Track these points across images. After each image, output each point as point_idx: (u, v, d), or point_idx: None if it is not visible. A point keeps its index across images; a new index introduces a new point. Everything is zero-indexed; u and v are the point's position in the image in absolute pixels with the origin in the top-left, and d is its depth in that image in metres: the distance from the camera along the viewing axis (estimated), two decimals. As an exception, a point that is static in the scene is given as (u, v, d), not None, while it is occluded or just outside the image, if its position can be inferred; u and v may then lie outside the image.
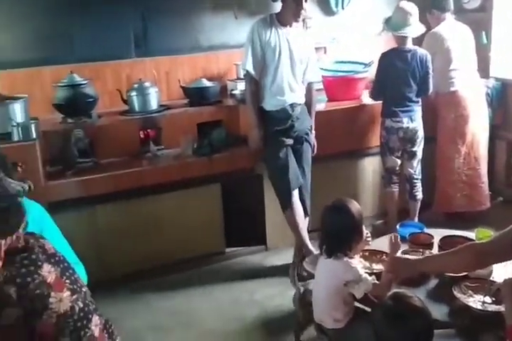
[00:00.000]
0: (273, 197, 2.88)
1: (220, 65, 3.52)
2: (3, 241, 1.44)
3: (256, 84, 2.81)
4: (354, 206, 2.02)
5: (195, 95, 3.24)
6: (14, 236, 1.48)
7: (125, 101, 3.11)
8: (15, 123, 2.61)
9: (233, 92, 3.31)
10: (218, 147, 3.02)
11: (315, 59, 3.00)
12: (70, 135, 2.79)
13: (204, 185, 2.94)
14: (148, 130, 3.07)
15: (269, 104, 2.84)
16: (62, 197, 2.53)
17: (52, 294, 1.42)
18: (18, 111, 2.71)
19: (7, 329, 1.34)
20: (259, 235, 3.13)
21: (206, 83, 3.27)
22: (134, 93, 3.10)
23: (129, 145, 2.94)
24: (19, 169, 2.22)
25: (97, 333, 1.57)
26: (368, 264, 2.12)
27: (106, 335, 1.62)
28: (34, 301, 1.38)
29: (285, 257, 2.86)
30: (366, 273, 1.94)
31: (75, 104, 2.91)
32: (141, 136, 3.04)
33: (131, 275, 2.61)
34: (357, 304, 2.01)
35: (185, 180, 2.87)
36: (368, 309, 2.01)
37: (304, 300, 2.18)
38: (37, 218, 2.05)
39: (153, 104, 3.13)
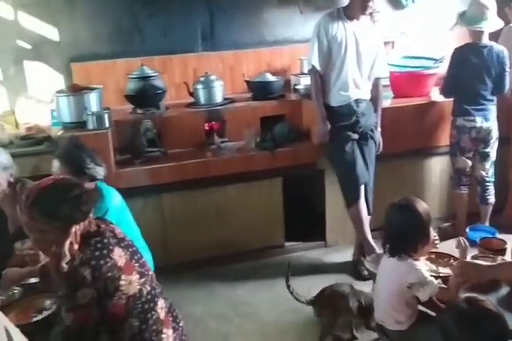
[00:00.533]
0: (334, 193, 2.85)
1: (284, 60, 3.51)
2: (77, 226, 1.52)
3: (321, 79, 2.78)
4: (421, 205, 1.95)
5: (259, 89, 3.27)
6: (87, 221, 1.55)
7: (191, 94, 3.18)
8: (90, 113, 2.75)
9: (297, 87, 3.31)
10: (281, 141, 3.02)
11: (383, 54, 2.92)
12: (139, 125, 2.90)
13: (266, 178, 2.96)
14: (213, 122, 3.13)
15: (334, 100, 2.80)
16: (130, 185, 2.63)
17: (123, 277, 1.50)
18: (93, 101, 2.85)
19: (82, 308, 1.43)
20: (319, 231, 3.11)
21: (270, 77, 3.28)
22: (200, 86, 3.17)
23: (195, 137, 3.02)
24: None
25: (162, 316, 1.63)
26: (434, 267, 2.04)
27: (170, 318, 1.68)
28: (106, 283, 1.46)
29: (344, 254, 2.82)
30: (432, 276, 1.87)
31: (145, 96, 3.01)
32: (206, 128, 3.11)
33: (194, 262, 2.68)
34: (420, 307, 1.95)
35: (248, 172, 2.90)
36: (432, 313, 1.95)
37: (327, 302, 2.15)
38: (117, 204, 2.16)
39: (218, 97, 3.18)
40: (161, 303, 1.62)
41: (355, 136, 2.79)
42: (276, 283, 2.18)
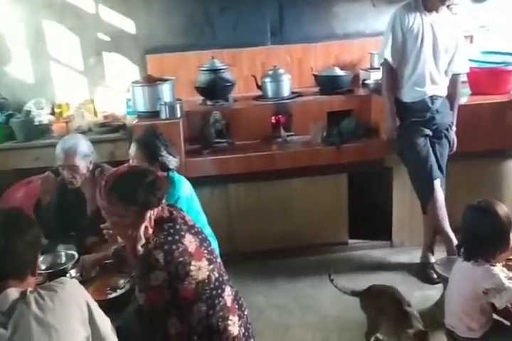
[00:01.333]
0: (402, 193, 2.76)
1: (353, 54, 3.44)
2: (152, 211, 1.58)
3: (393, 74, 2.69)
4: (502, 209, 1.84)
5: (327, 83, 3.22)
6: (160, 207, 1.61)
7: (259, 87, 3.20)
8: (163, 103, 2.85)
9: (366, 82, 3.23)
10: (348, 137, 2.97)
11: (463, 48, 2.76)
12: (208, 116, 2.96)
13: (331, 173, 2.92)
14: (280, 116, 3.13)
15: (407, 96, 2.70)
16: (198, 174, 2.69)
17: (193, 262, 1.55)
18: (166, 92, 2.95)
19: (154, 289, 1.48)
20: (384, 230, 3.03)
21: (338, 71, 3.23)
22: (268, 79, 3.18)
23: (261, 130, 3.03)
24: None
25: (229, 303, 1.65)
26: (511, 275, 1.93)
27: (236, 306, 1.71)
28: (178, 267, 1.51)
29: (411, 256, 2.73)
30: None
31: (215, 88, 3.07)
32: (273, 121, 3.12)
33: (256, 253, 2.72)
34: (495, 316, 1.85)
35: (313, 167, 2.88)
36: (507, 322, 1.84)
37: (373, 296, 2.07)
38: (187, 192, 2.23)
39: (286, 91, 3.17)
40: (227, 291, 1.66)
41: (429, 132, 2.68)
42: (338, 279, 2.16)
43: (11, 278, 1.19)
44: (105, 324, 1.36)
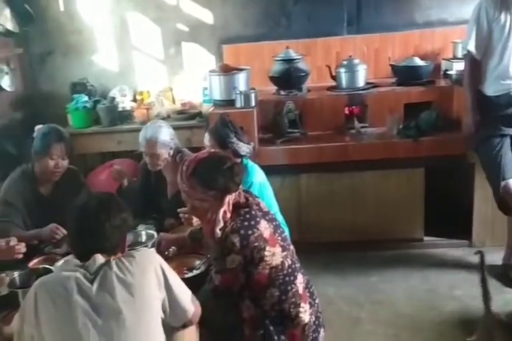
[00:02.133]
0: (485, 190, 2.59)
1: (435, 43, 3.27)
2: (230, 196, 1.61)
3: (476, 66, 2.52)
4: None
5: (405, 74, 3.09)
6: (237, 193, 1.64)
7: (333, 77, 3.15)
8: (238, 92, 2.89)
9: (448, 72, 3.06)
10: (426, 130, 2.84)
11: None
12: (282, 106, 2.97)
13: (407, 167, 2.81)
14: (354, 107, 3.07)
15: (490, 88, 2.52)
16: (270, 163, 2.71)
17: (267, 248, 1.57)
18: (241, 81, 2.99)
19: (230, 271, 1.53)
20: (463, 229, 2.87)
21: (418, 62, 3.08)
22: (342, 69, 3.11)
23: (334, 120, 2.99)
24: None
25: (301, 290, 1.66)
26: None
27: (308, 294, 1.71)
28: (253, 252, 1.54)
29: (492, 257, 2.56)
30: None
31: (288, 78, 3.06)
32: (346, 112, 3.06)
33: (326, 244, 2.70)
34: None
35: (388, 160, 2.79)
36: None
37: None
38: (260, 179, 2.25)
39: (361, 81, 3.09)
40: (300, 278, 1.68)
41: (508, 132, 2.51)
42: (412, 276, 2.08)
43: (101, 252, 1.31)
44: (183, 295, 1.41)
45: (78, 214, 1.33)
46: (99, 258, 1.28)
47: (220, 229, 1.55)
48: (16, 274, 1.79)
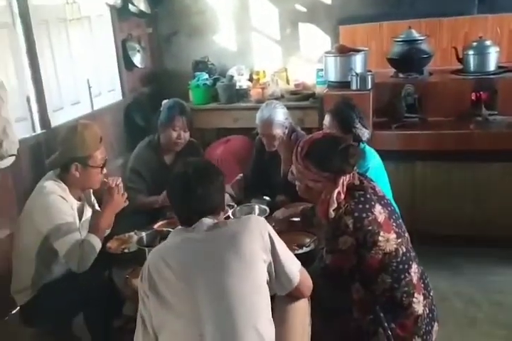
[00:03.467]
0: None
1: None
2: (344, 178, 1.58)
3: None
4: None
5: (545, 58, 2.78)
6: (351, 174, 1.60)
7: (460, 60, 2.91)
8: (354, 73, 2.81)
9: None
10: None
11: None
12: (400, 89, 2.83)
13: (540, 161, 2.55)
14: (481, 92, 2.80)
15: None
16: (384, 147, 2.58)
17: (381, 233, 1.53)
18: (358, 63, 2.90)
19: (342, 252, 1.52)
20: None
21: (562, 44, 2.74)
22: (471, 52, 2.86)
23: (458, 106, 2.78)
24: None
25: (415, 280, 1.58)
26: None
27: (422, 285, 1.63)
28: (366, 235, 1.51)
29: None
30: None
31: (409, 60, 2.90)
32: (473, 97, 2.82)
33: (440, 236, 2.56)
34: None
35: (518, 151, 2.55)
36: None
37: None
38: (376, 164, 2.20)
39: (491, 65, 2.83)
40: (414, 267, 1.61)
41: None
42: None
43: (206, 215, 1.37)
44: (290, 263, 1.40)
45: (181, 181, 1.37)
46: (208, 221, 1.34)
47: (333, 210, 1.54)
48: (144, 234, 1.98)
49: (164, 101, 2.50)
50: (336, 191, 1.54)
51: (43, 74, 2.51)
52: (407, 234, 1.64)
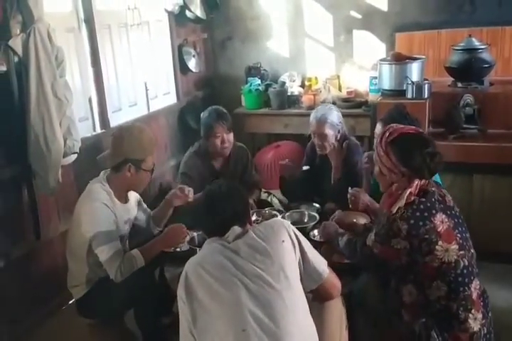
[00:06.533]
0: None
1: None
2: (420, 181, 1.52)
3: None
4: None
5: None
6: (427, 181, 1.56)
7: (523, 70, 2.81)
8: (410, 82, 2.74)
9: None
10: None
11: None
12: (458, 99, 2.73)
13: None
14: (546, 105, 2.68)
15: None
16: (440, 159, 2.54)
17: (440, 242, 1.47)
18: (414, 71, 2.82)
19: (392, 248, 1.48)
20: None
21: None
22: (536, 62, 2.76)
23: (520, 118, 2.66)
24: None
25: (474, 296, 1.51)
26: None
27: (481, 303, 1.55)
28: (421, 243, 1.47)
29: None
30: None
31: (469, 69, 2.80)
32: (537, 110, 2.70)
33: (499, 254, 2.44)
34: None
35: None
36: None
37: None
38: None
39: (559, 76, 2.71)
40: (475, 283, 1.54)
41: None
42: None
43: (233, 224, 1.43)
44: (316, 258, 1.48)
45: (215, 196, 1.47)
46: (237, 229, 1.42)
47: (398, 207, 1.50)
48: (195, 234, 2.01)
49: (203, 112, 2.50)
50: (409, 190, 1.51)
51: (104, 76, 2.61)
52: (472, 250, 1.57)
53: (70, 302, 2.05)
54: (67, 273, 1.90)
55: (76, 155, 2.16)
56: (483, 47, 2.82)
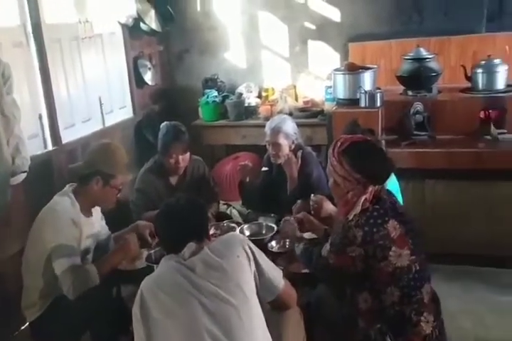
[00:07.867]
0: None
1: None
2: (374, 187, 1.55)
3: None
4: None
5: (555, 77, 2.77)
6: (380, 187, 1.59)
7: (468, 78, 2.92)
8: (363, 91, 2.82)
9: None
10: None
11: None
12: (409, 107, 2.83)
13: (550, 181, 2.51)
14: (491, 111, 2.79)
15: None
16: (393, 165, 2.61)
17: (393, 248, 1.52)
18: (367, 80, 2.91)
19: (348, 257, 1.51)
20: None
21: None
22: (479, 70, 2.87)
23: (467, 125, 2.77)
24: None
25: (426, 300, 1.57)
26: None
27: (434, 306, 1.62)
28: (376, 249, 1.51)
29: None
30: None
31: (418, 77, 2.91)
32: (482, 116, 2.81)
33: (451, 256, 2.52)
34: None
35: (529, 171, 2.52)
36: None
37: None
38: (393, 181, 2.19)
39: (500, 83, 2.83)
40: (427, 287, 1.60)
41: None
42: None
43: (190, 240, 1.43)
44: (271, 269, 1.50)
45: (172, 211, 1.47)
46: (192, 245, 1.42)
47: (354, 215, 1.54)
48: (152, 251, 2.00)
49: (162, 125, 2.49)
50: (364, 197, 1.55)
51: (55, 91, 2.56)
52: (423, 256, 1.62)
53: (23, 327, 1.98)
54: (18, 297, 1.84)
55: (25, 174, 2.11)
56: (430, 56, 2.94)
